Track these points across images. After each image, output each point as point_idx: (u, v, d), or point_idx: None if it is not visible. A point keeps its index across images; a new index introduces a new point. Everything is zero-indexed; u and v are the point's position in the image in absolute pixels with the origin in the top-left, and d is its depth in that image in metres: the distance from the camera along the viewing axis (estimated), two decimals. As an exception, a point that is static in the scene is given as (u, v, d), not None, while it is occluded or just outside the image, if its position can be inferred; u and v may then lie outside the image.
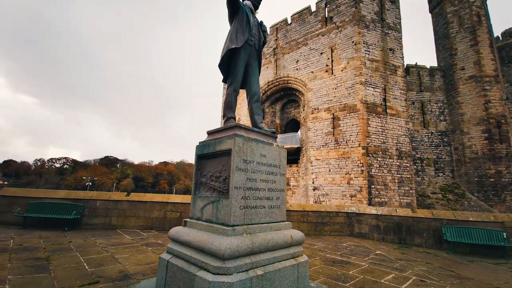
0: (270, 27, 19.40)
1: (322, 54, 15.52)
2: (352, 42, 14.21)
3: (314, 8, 16.81)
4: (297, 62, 16.87)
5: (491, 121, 16.14)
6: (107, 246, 5.41)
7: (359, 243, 7.76)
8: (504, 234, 6.94)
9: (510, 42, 21.38)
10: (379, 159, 12.97)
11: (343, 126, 13.74)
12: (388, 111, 13.77)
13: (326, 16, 15.87)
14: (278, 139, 3.30)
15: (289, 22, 18.26)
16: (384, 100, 13.81)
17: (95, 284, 3.36)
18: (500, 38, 22.46)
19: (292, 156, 16.75)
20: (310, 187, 14.34)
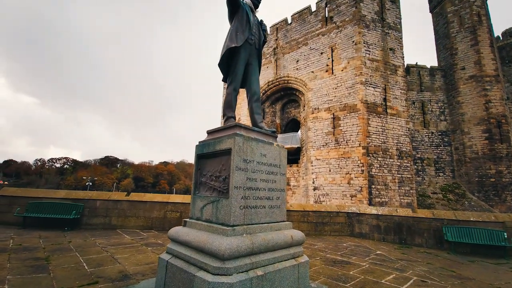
0: (270, 27, 19.39)
1: (322, 54, 15.50)
2: (353, 41, 14.19)
3: (314, 8, 16.80)
4: (297, 62, 16.86)
5: (491, 121, 16.12)
6: (107, 246, 5.40)
7: (360, 243, 7.75)
8: (505, 234, 6.92)
9: (511, 41, 21.37)
10: (379, 159, 12.95)
11: (344, 126, 13.72)
12: (389, 111, 13.75)
13: (326, 15, 15.86)
14: (278, 139, 3.26)
15: (289, 22, 18.25)
16: (385, 100, 13.79)
17: (94, 284, 3.35)
18: (501, 38, 22.45)
19: (292, 156, 16.74)
20: (310, 187, 14.33)
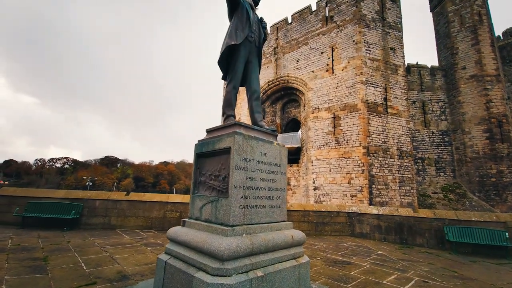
0: (271, 27, 19.35)
1: (322, 53, 15.46)
2: (353, 41, 14.15)
3: (314, 8, 16.76)
4: (297, 61, 16.82)
5: (492, 120, 16.07)
6: (106, 246, 5.36)
7: (360, 243, 7.70)
8: (507, 234, 6.87)
9: (511, 41, 21.32)
10: (380, 158, 12.90)
11: (344, 126, 13.68)
12: (389, 110, 13.70)
13: (327, 15, 15.81)
14: (278, 138, 3.22)
15: (289, 21, 18.20)
16: (385, 99, 13.74)
17: (92, 285, 3.31)
18: (501, 38, 22.42)
19: (292, 156, 16.70)
20: (310, 186, 14.29)
